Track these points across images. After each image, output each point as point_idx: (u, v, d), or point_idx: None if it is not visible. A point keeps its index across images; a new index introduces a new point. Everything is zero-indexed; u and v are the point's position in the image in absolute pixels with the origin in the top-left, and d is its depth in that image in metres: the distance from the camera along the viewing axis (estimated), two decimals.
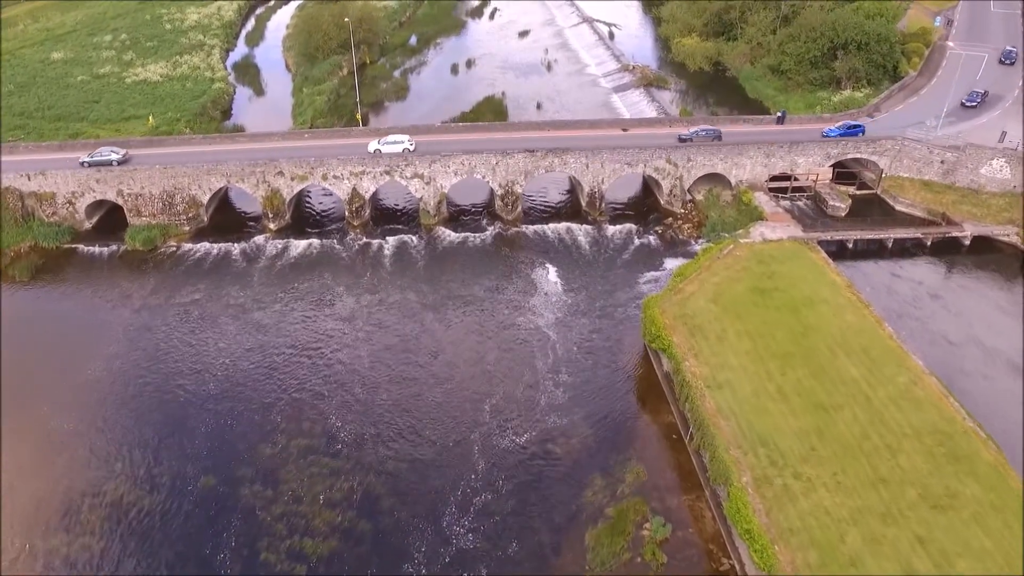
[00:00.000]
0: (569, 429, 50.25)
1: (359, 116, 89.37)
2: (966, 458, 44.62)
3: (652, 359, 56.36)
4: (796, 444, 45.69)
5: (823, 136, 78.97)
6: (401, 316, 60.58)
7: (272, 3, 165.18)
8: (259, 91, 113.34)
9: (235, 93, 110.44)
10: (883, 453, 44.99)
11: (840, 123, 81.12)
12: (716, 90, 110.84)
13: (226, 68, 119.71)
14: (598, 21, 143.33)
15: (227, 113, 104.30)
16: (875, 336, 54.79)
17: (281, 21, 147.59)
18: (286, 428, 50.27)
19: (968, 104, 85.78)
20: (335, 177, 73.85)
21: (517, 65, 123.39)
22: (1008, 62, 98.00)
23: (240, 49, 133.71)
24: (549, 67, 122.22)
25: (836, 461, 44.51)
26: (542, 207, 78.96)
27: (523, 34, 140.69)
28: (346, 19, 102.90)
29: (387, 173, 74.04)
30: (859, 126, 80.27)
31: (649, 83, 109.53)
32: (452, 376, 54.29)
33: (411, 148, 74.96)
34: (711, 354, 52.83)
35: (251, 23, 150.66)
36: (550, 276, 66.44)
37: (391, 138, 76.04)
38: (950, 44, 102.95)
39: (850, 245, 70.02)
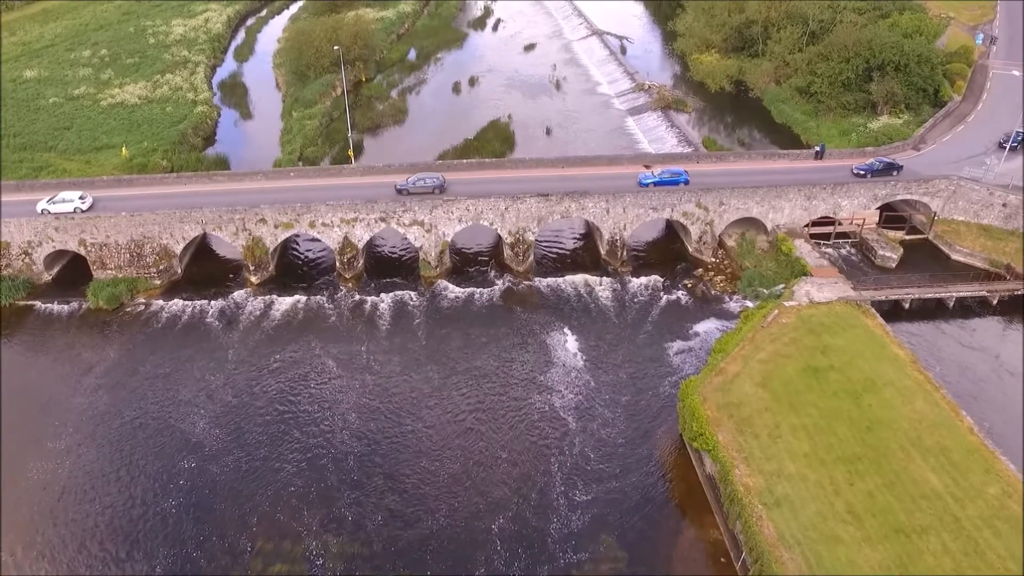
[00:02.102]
0: (596, 553, 42.14)
1: (351, 152, 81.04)
2: None
3: (692, 457, 48.26)
4: None
5: (639, 185, 68.32)
6: (399, 404, 52.08)
7: (264, 13, 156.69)
8: (246, 113, 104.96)
9: (219, 117, 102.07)
10: None
11: (660, 170, 69.58)
12: (739, 113, 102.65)
13: (211, 87, 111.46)
14: (608, 34, 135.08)
15: (210, 139, 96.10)
16: (953, 430, 46.75)
17: (273, 33, 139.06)
18: (262, 550, 42.19)
19: (858, 173, 70.83)
20: (324, 224, 65.68)
21: (523, 83, 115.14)
22: (1012, 145, 74.35)
23: (228, 65, 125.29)
24: (558, 85, 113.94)
25: None
26: (556, 255, 70.82)
27: (529, 48, 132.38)
28: (336, 48, 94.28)
29: (382, 220, 65.87)
30: (681, 174, 68.75)
31: (667, 105, 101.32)
32: (459, 482, 45.98)
33: (83, 207, 64.82)
34: (764, 458, 44.74)
35: (241, 35, 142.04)
36: (568, 344, 58.28)
37: (61, 196, 65.60)
38: (1011, 70, 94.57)
39: (906, 305, 61.89)
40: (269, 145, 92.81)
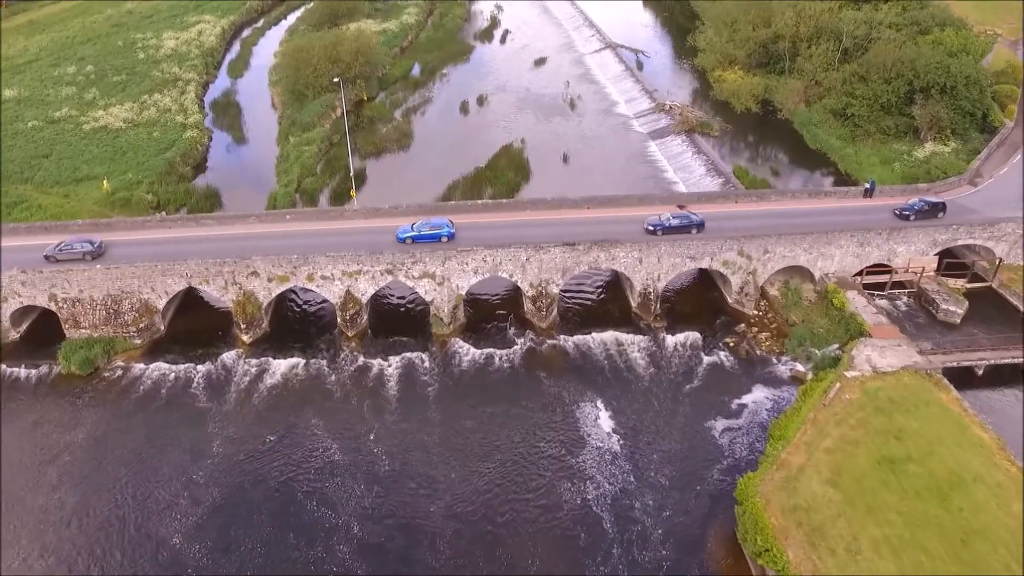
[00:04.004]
0: None
1: (353, 193, 73.99)
2: None
3: (753, 568, 41.41)
4: None
5: (397, 240, 60.19)
6: (412, 507, 44.58)
7: (260, 23, 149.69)
8: (240, 137, 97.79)
9: (211, 142, 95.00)
10: None
11: (421, 222, 60.72)
12: (769, 137, 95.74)
13: (203, 107, 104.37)
14: (622, 47, 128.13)
15: (200, 167, 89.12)
16: None
17: (269, 46, 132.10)
18: None
19: (648, 229, 60.86)
20: (324, 278, 58.80)
21: (536, 102, 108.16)
22: (904, 214, 64.48)
23: (221, 81, 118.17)
24: (572, 104, 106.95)
25: None
26: (581, 307, 63.94)
27: (539, 62, 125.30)
28: (336, 79, 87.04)
29: (389, 272, 59.00)
30: (443, 227, 60.13)
31: (691, 128, 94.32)
32: None
33: None
34: None
35: (236, 48, 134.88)
36: (601, 421, 51.38)
37: None
38: None
39: (979, 371, 55.01)
40: (264, 174, 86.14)
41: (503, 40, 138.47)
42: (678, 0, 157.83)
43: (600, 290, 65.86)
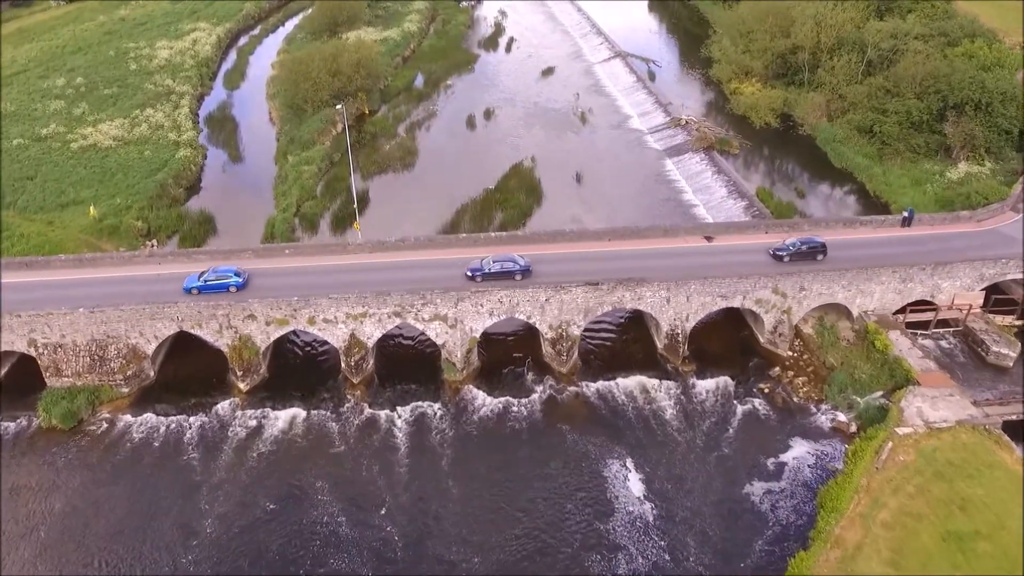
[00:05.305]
0: None
1: (357, 225, 69.32)
2: None
3: None
4: None
5: (183, 290, 54.38)
6: None
7: (257, 31, 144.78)
8: (235, 156, 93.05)
9: (205, 160, 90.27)
10: None
11: (210, 269, 54.97)
12: (790, 154, 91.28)
13: (197, 122, 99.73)
14: (632, 56, 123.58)
15: (194, 188, 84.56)
16: None
17: (267, 54, 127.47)
18: None
19: (468, 275, 55.78)
20: (326, 321, 54.33)
21: (544, 115, 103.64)
22: (779, 255, 58.48)
23: (217, 93, 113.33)
24: (583, 118, 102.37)
25: None
26: (603, 348, 59.52)
27: (547, 72, 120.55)
28: (338, 106, 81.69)
29: (397, 315, 54.56)
30: (231, 276, 54.69)
31: (709, 145, 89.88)
32: None
33: None
34: None
35: (232, 56, 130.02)
36: (630, 481, 47.05)
37: None
38: None
39: None
40: (262, 194, 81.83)
41: (508, 48, 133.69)
42: (684, 3, 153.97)
43: (623, 329, 61.44)
